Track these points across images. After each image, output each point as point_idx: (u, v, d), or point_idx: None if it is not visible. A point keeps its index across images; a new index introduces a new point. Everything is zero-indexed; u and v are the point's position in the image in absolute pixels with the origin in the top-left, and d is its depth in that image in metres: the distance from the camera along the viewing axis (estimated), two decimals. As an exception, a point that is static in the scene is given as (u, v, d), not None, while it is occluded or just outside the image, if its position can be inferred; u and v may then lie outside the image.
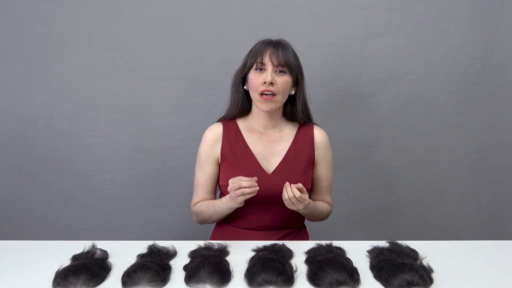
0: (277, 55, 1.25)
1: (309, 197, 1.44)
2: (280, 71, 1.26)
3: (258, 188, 1.14)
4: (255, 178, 1.16)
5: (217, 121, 1.40)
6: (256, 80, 1.26)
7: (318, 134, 1.38)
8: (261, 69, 1.27)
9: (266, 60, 1.26)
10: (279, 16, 1.73)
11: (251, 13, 1.73)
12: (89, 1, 1.70)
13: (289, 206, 1.19)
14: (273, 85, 1.25)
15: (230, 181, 1.16)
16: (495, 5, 1.77)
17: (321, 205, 1.38)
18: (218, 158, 1.36)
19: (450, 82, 1.82)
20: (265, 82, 1.24)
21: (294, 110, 1.36)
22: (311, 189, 1.41)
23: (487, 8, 1.77)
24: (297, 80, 1.32)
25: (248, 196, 1.15)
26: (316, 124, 1.41)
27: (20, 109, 1.76)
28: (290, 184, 1.17)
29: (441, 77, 1.81)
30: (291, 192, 1.15)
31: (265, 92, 1.25)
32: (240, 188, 1.14)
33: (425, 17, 1.76)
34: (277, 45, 1.28)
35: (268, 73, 1.25)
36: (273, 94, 1.26)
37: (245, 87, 1.34)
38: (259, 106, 1.29)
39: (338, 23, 1.75)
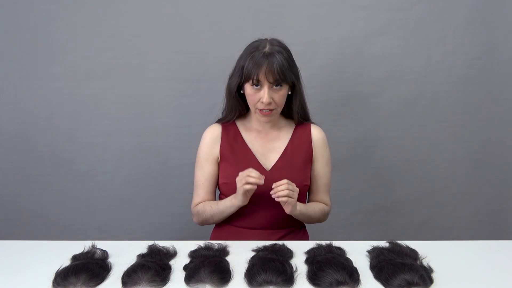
0: (273, 72, 1.22)
1: (307, 197, 1.45)
2: (277, 85, 1.25)
3: (262, 182, 1.17)
4: (263, 176, 1.18)
5: (216, 122, 1.41)
6: (253, 97, 1.26)
7: (315, 132, 1.39)
8: (257, 85, 1.25)
9: (262, 78, 1.23)
10: (279, 16, 1.73)
11: (251, 13, 1.73)
12: (89, 1, 1.70)
13: (287, 200, 1.19)
14: (271, 104, 1.25)
15: (240, 173, 1.19)
16: (495, 5, 1.77)
17: (313, 205, 1.37)
18: (217, 158, 1.36)
19: (450, 82, 1.82)
20: (262, 102, 1.24)
21: (291, 110, 1.36)
22: (309, 188, 1.41)
23: (487, 8, 1.77)
24: (293, 84, 1.31)
25: (250, 186, 1.17)
26: (313, 123, 1.42)
27: (20, 109, 1.76)
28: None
29: (441, 77, 1.81)
30: (281, 186, 1.18)
31: (264, 110, 1.26)
32: (247, 176, 1.16)
33: (425, 17, 1.76)
34: (271, 56, 1.23)
35: (265, 93, 1.23)
36: (271, 109, 1.27)
37: (241, 91, 1.32)
38: (258, 118, 1.31)
39: (338, 23, 1.75)
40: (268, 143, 1.36)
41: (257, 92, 1.25)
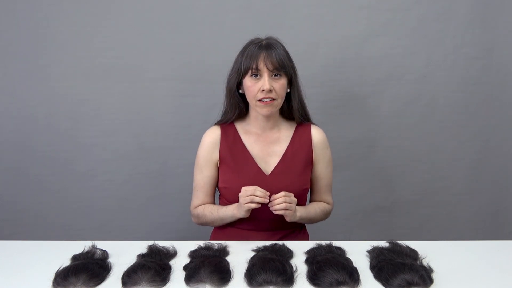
0: (272, 59, 1.24)
1: (309, 197, 1.44)
2: (276, 75, 1.26)
3: (267, 200, 1.18)
4: (268, 193, 1.19)
5: (215, 124, 1.40)
6: (253, 88, 1.26)
7: (316, 134, 1.38)
8: (257, 75, 1.26)
9: (261, 65, 1.24)
10: (279, 16, 1.73)
11: (251, 13, 1.72)
12: (89, 1, 1.70)
13: (285, 212, 1.21)
14: (271, 92, 1.25)
15: (244, 188, 1.19)
16: (495, 5, 1.77)
17: (314, 206, 1.38)
18: (217, 162, 1.36)
19: (450, 82, 1.82)
20: (263, 90, 1.24)
21: (291, 108, 1.36)
22: (310, 188, 1.41)
23: (487, 8, 1.77)
24: (291, 79, 1.31)
25: (255, 205, 1.17)
26: (313, 124, 1.41)
27: (20, 109, 1.76)
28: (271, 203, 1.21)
29: (441, 77, 1.81)
30: (278, 199, 1.19)
31: (264, 99, 1.26)
32: (252, 195, 1.16)
33: (425, 17, 1.76)
34: (269, 47, 1.26)
35: (266, 81, 1.24)
36: (273, 99, 1.26)
37: (240, 91, 1.33)
38: (259, 110, 1.29)
39: (338, 23, 1.75)
40: (267, 147, 1.35)
41: (256, 82, 1.25)
